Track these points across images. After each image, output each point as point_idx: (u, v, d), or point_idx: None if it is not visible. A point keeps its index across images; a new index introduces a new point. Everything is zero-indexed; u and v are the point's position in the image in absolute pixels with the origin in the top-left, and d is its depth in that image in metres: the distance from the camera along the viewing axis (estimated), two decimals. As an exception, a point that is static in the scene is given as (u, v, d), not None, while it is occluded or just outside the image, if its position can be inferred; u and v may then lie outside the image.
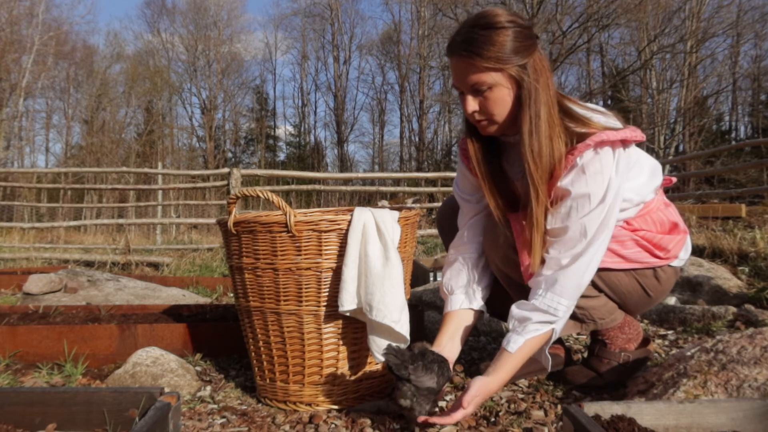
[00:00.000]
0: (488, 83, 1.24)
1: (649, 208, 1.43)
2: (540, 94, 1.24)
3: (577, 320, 1.46)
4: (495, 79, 1.24)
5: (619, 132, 1.26)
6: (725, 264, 3.21)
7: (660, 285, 1.46)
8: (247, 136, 30.69)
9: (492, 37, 1.21)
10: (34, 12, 21.64)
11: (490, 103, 1.27)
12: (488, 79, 1.24)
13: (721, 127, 24.28)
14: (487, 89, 1.25)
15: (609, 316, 1.48)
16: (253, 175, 7.08)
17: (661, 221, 1.43)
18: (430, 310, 2.26)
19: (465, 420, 1.31)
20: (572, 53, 17.62)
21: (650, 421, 0.97)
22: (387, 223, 1.36)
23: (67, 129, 25.53)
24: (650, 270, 1.44)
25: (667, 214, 1.45)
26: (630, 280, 1.44)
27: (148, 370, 1.59)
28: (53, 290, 2.75)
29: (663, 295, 1.50)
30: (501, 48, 1.21)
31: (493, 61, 1.22)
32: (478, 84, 1.25)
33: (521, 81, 1.24)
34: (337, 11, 28.71)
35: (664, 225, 1.44)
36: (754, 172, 14.90)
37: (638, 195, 1.37)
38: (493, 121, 1.30)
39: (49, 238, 8.08)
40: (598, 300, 1.45)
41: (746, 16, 20.29)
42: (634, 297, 1.47)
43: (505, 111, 1.28)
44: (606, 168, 1.25)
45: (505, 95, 1.26)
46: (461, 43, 1.24)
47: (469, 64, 1.24)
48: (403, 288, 1.35)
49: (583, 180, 1.25)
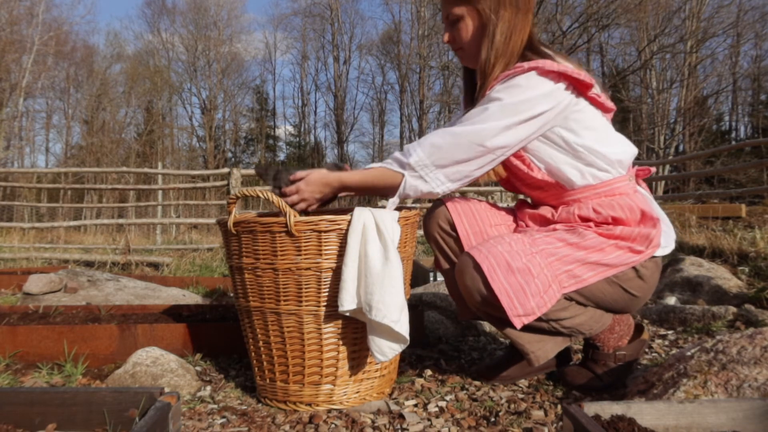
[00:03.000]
0: (457, 15, 1.44)
1: (616, 187, 1.42)
2: (498, 26, 1.38)
3: (565, 336, 1.46)
4: (462, 11, 1.43)
5: (560, 65, 1.33)
6: (725, 264, 3.21)
7: (645, 283, 1.44)
8: (247, 136, 30.70)
9: None
10: (34, 12, 21.64)
11: (460, 33, 1.45)
12: (457, 11, 1.43)
13: (721, 127, 24.29)
14: (456, 21, 1.44)
15: (597, 325, 1.47)
16: (253, 175, 7.08)
17: (630, 207, 1.41)
18: (430, 310, 2.26)
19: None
20: (572, 53, 17.59)
21: (650, 421, 0.97)
22: (387, 223, 1.36)
23: (67, 129, 25.55)
24: (632, 270, 1.42)
25: (636, 200, 1.42)
26: (614, 288, 1.42)
27: (148, 370, 1.59)
28: (53, 290, 2.75)
29: (650, 291, 1.48)
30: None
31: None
32: (451, 15, 1.45)
33: (483, 13, 1.40)
34: (337, 11, 28.71)
35: (634, 212, 1.41)
36: (754, 172, 14.91)
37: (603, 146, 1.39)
38: (462, 50, 1.48)
39: (49, 238, 8.08)
40: (585, 315, 1.44)
41: (746, 16, 20.31)
42: (620, 303, 1.46)
43: (470, 39, 1.44)
44: (529, 86, 1.33)
45: (469, 26, 1.43)
46: None
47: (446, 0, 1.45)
48: (403, 288, 1.35)
49: (499, 88, 1.36)
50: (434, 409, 1.41)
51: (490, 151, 1.36)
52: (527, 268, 1.34)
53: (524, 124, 1.35)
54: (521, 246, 1.38)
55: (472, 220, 1.52)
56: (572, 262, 1.38)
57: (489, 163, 1.40)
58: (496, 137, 1.34)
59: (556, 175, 1.43)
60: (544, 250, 1.38)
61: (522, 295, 1.34)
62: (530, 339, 1.45)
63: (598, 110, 1.43)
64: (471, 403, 1.45)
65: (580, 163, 1.40)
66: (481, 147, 1.35)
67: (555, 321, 1.41)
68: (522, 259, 1.35)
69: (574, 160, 1.40)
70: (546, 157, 1.42)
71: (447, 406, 1.42)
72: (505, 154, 1.39)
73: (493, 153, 1.37)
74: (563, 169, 1.41)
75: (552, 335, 1.46)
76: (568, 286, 1.38)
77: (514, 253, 1.35)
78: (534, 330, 1.44)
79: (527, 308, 1.34)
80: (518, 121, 1.34)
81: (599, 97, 1.39)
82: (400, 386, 1.59)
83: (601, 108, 1.43)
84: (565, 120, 1.38)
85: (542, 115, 1.34)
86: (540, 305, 1.35)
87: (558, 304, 1.39)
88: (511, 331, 1.44)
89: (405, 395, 1.52)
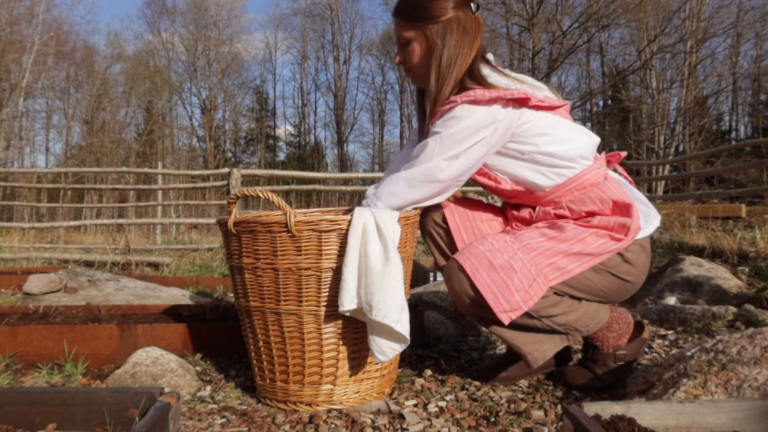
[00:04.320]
0: (406, 38, 1.48)
1: (585, 179, 1.43)
2: (444, 51, 1.42)
3: (562, 334, 1.47)
4: (411, 35, 1.47)
5: (492, 91, 1.36)
6: (725, 264, 3.21)
7: (632, 266, 1.44)
8: (247, 136, 30.69)
9: (410, 2, 1.46)
10: (34, 12, 21.65)
11: (410, 55, 1.49)
12: (407, 35, 1.48)
13: (721, 127, 24.29)
14: (407, 44, 1.49)
15: (592, 322, 1.47)
16: (253, 175, 7.07)
17: (601, 198, 1.42)
18: (430, 310, 2.26)
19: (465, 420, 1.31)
20: (572, 53, 17.61)
21: (650, 421, 0.97)
22: (387, 223, 1.36)
23: (67, 129, 25.54)
24: (617, 256, 1.42)
25: (606, 190, 1.44)
26: (602, 276, 1.43)
27: (148, 370, 1.59)
28: (53, 290, 2.75)
29: (641, 275, 1.48)
30: (414, 10, 1.45)
31: (410, 20, 1.46)
32: (401, 38, 1.50)
33: (430, 38, 1.44)
34: (337, 11, 28.72)
35: (606, 203, 1.42)
36: (754, 172, 14.93)
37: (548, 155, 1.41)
38: (412, 71, 1.52)
39: (49, 238, 8.08)
40: (578, 310, 1.45)
41: (746, 16, 20.31)
42: (613, 289, 1.46)
43: (418, 62, 1.49)
44: (464, 116, 1.36)
45: (417, 49, 1.48)
46: (395, 7, 1.51)
47: (397, 23, 1.50)
48: (403, 288, 1.35)
49: (438, 123, 1.39)
50: (434, 409, 1.41)
51: (444, 183, 1.40)
52: (509, 265, 1.37)
53: (469, 151, 1.38)
54: (502, 244, 1.41)
55: (464, 216, 1.57)
56: (555, 254, 1.39)
57: (446, 193, 1.45)
58: (446, 170, 1.38)
59: (523, 183, 1.46)
60: (527, 245, 1.41)
61: (506, 291, 1.35)
62: (527, 341, 1.45)
63: (548, 113, 1.43)
64: (471, 403, 1.45)
65: (542, 166, 1.43)
66: (436, 183, 1.40)
67: (547, 318, 1.42)
68: (503, 256, 1.38)
69: (535, 165, 1.43)
70: (508, 169, 1.45)
71: (447, 406, 1.42)
72: (460, 181, 1.43)
73: (447, 183, 1.41)
74: (528, 176, 1.44)
75: (548, 335, 1.46)
76: (554, 279, 1.39)
77: (495, 251, 1.39)
78: (530, 331, 1.44)
79: (513, 303, 1.35)
80: (462, 149, 1.37)
81: (543, 102, 1.40)
82: (400, 386, 1.59)
83: (549, 110, 1.43)
84: (513, 135, 1.41)
85: (484, 139, 1.37)
86: (526, 299, 1.36)
87: (548, 300, 1.40)
88: (507, 333, 1.45)
89: (405, 395, 1.52)
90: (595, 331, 1.51)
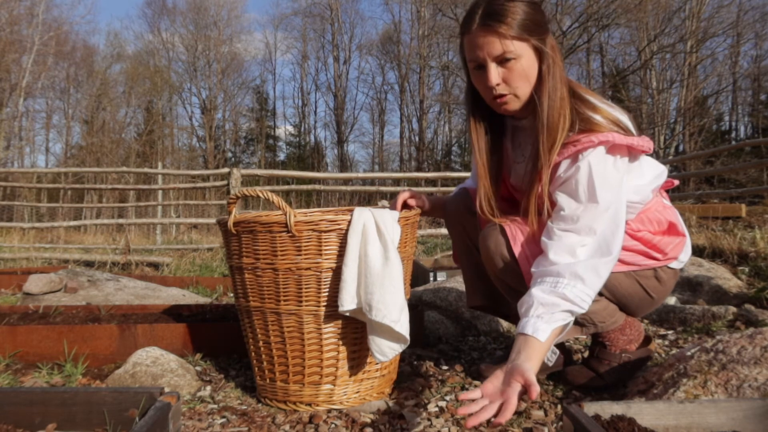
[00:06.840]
0: (515, 53, 1.23)
1: (647, 207, 1.43)
2: (557, 70, 1.26)
3: (577, 324, 1.46)
4: (520, 49, 1.24)
5: (627, 138, 1.25)
6: (725, 264, 3.21)
7: (661, 285, 1.46)
8: (247, 136, 30.68)
9: (516, 8, 1.22)
10: (34, 12, 21.64)
11: (515, 74, 1.26)
12: (514, 48, 1.23)
13: (721, 127, 24.26)
14: (513, 59, 1.24)
15: (610, 319, 1.48)
16: (253, 175, 7.07)
17: (658, 220, 1.43)
18: (430, 310, 2.26)
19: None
20: (572, 53, 17.63)
21: (650, 421, 0.97)
22: (387, 223, 1.36)
23: (67, 129, 25.53)
24: (650, 271, 1.44)
25: (665, 214, 1.45)
26: (630, 281, 1.44)
27: (148, 370, 1.59)
28: (53, 290, 2.75)
29: (664, 296, 1.50)
30: (525, 18, 1.22)
31: (520, 29, 1.22)
32: (505, 53, 1.23)
33: (543, 54, 1.25)
34: (337, 11, 28.71)
35: (662, 224, 1.44)
36: (754, 172, 14.90)
37: (637, 194, 1.37)
38: (515, 96, 1.29)
39: (49, 238, 8.08)
40: (599, 304, 1.45)
41: (746, 16, 20.29)
42: (635, 299, 1.47)
43: (527, 84, 1.27)
44: (607, 174, 1.24)
45: (528, 67, 1.25)
46: (485, 14, 1.23)
47: (497, 34, 1.22)
48: (403, 288, 1.35)
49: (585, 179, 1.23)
50: (434, 409, 1.41)
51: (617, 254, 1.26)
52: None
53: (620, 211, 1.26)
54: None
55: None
56: None
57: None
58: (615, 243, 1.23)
59: None
60: None
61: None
62: None
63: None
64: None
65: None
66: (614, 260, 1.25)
67: None
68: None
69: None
70: None
71: (447, 406, 1.42)
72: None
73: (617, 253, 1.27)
74: None
75: None
76: None
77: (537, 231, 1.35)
78: None
79: None
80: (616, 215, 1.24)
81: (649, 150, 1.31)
82: (400, 386, 1.59)
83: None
84: None
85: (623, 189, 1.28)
86: None
87: None
88: None
89: (405, 395, 1.52)
90: (608, 331, 1.52)
